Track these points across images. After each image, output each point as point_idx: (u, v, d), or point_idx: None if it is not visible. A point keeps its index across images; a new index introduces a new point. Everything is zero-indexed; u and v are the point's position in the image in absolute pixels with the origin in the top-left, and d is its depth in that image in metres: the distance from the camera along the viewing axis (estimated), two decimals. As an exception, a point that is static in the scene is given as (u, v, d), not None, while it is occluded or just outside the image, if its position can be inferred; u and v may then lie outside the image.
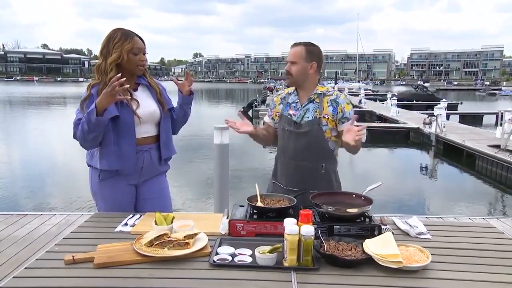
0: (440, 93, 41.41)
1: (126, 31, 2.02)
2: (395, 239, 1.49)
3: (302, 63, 2.10)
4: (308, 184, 2.11)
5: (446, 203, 7.20)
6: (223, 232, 1.67)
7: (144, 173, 2.12)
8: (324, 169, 2.14)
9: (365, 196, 1.77)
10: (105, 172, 2.03)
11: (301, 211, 1.45)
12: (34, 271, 1.38)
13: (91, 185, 2.10)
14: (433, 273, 1.36)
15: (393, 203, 6.70)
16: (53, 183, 8.14)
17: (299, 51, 2.10)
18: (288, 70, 2.13)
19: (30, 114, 22.78)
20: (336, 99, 2.13)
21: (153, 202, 2.16)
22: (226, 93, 56.92)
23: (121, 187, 2.07)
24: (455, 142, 10.77)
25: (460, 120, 17.78)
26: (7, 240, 3.64)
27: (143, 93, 2.12)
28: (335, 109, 2.10)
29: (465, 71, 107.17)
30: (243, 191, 6.71)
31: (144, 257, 1.42)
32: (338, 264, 1.39)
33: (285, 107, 2.22)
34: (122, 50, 1.97)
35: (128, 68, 2.02)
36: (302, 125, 2.12)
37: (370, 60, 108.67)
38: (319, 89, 2.16)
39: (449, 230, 1.80)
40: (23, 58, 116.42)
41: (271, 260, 1.40)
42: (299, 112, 2.15)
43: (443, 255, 1.50)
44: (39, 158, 10.47)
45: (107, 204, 2.07)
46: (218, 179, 4.03)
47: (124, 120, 1.98)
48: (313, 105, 2.14)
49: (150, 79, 2.17)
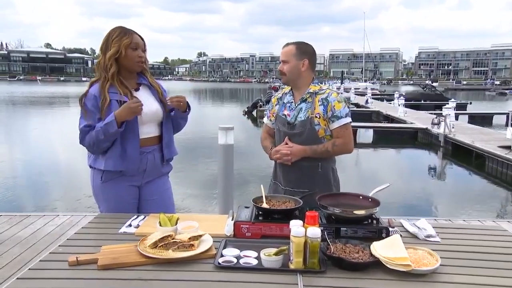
0: (449, 92, 41.18)
1: (125, 28, 2.06)
2: (403, 242, 1.48)
3: (293, 61, 2.13)
4: (306, 183, 2.12)
5: (455, 205, 7.15)
6: (228, 233, 1.67)
7: (147, 175, 2.13)
8: (321, 167, 2.14)
9: (372, 197, 1.76)
10: (108, 173, 2.04)
11: (307, 213, 1.44)
12: (38, 272, 1.39)
13: (93, 186, 2.12)
14: (442, 277, 1.35)
15: (401, 205, 6.66)
16: (56, 183, 8.19)
17: (290, 49, 2.14)
18: (281, 69, 2.17)
19: (33, 114, 22.95)
20: (327, 98, 2.12)
21: (156, 203, 2.17)
22: (230, 92, 56.98)
23: (124, 188, 2.08)
24: (464, 142, 10.70)
25: (470, 121, 17.66)
26: (10, 241, 3.67)
27: (144, 92, 2.14)
28: (325, 108, 2.11)
29: (474, 70, 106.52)
30: (248, 192, 6.70)
31: (149, 259, 1.43)
32: (345, 267, 1.39)
33: (280, 107, 2.24)
34: (120, 45, 1.99)
35: (127, 65, 2.04)
36: (296, 126, 2.13)
37: (377, 59, 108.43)
38: (311, 88, 2.17)
39: (458, 233, 1.79)
40: (26, 58, 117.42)
41: (277, 262, 1.40)
42: (293, 112, 2.16)
43: (452, 258, 1.49)
44: (42, 158, 10.54)
45: (110, 205, 2.08)
46: (223, 180, 4.04)
47: (127, 120, 1.99)
48: (305, 104, 2.15)
49: (151, 79, 2.19)
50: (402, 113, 16.46)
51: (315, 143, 2.10)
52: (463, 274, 1.38)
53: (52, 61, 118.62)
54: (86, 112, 2.01)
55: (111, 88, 2.00)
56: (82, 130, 2.00)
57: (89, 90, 2.03)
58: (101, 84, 2.01)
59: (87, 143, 2.00)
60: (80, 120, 2.02)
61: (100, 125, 1.94)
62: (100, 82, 2.02)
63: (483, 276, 1.37)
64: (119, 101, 1.99)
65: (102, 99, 1.98)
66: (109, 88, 1.99)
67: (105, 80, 2.01)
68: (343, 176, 2.34)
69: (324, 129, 2.11)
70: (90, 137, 1.97)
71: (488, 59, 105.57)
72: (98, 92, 1.99)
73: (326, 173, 2.17)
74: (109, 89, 1.99)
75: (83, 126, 1.99)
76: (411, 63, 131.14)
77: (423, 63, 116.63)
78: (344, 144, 2.13)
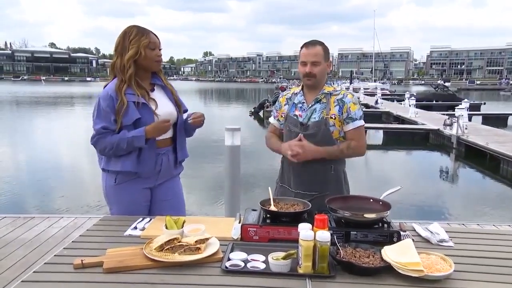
0: (462, 93, 40.82)
1: (141, 27, 2.05)
2: (415, 246, 1.47)
3: (323, 63, 2.11)
4: (317, 186, 2.12)
5: (469, 208, 7.08)
6: (235, 237, 1.68)
7: (161, 176, 2.15)
8: (334, 170, 2.14)
9: (383, 200, 1.75)
10: (122, 175, 2.05)
11: (316, 216, 1.44)
12: (43, 275, 1.40)
13: (105, 189, 2.12)
14: (456, 283, 1.34)
15: (413, 209, 6.61)
16: (60, 185, 8.26)
17: (319, 50, 2.10)
18: (310, 71, 2.09)
19: (38, 114, 23.17)
20: (342, 99, 2.12)
21: (168, 204, 2.19)
22: (236, 93, 57.05)
23: (137, 191, 2.10)
24: (478, 144, 10.59)
25: (483, 122, 17.48)
26: (14, 243, 3.71)
27: (159, 93, 2.15)
28: (341, 109, 2.10)
29: (488, 70, 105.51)
30: (255, 194, 6.70)
31: (155, 262, 1.43)
32: (355, 272, 1.38)
33: (291, 107, 2.22)
34: (139, 46, 1.99)
35: (145, 65, 2.05)
36: (309, 126, 2.11)
37: (387, 58, 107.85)
38: (326, 88, 2.16)
39: (472, 238, 1.77)
40: (30, 57, 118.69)
41: (285, 266, 1.40)
42: (306, 113, 2.15)
43: (467, 264, 1.48)
44: (46, 159, 10.63)
45: (122, 208, 2.08)
46: (229, 182, 4.04)
47: (145, 122, 2.00)
48: (320, 105, 2.13)
49: (164, 80, 2.19)
50: (413, 113, 16.35)
51: (329, 144, 2.09)
52: (478, 280, 1.37)
53: (56, 60, 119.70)
54: (100, 112, 1.99)
55: (127, 90, 2.00)
56: (98, 131, 1.99)
57: (105, 89, 2.02)
58: (117, 86, 2.00)
59: (102, 146, 1.99)
60: (96, 120, 2.00)
61: (125, 136, 1.95)
62: (116, 84, 2.00)
63: (499, 283, 1.35)
64: (137, 102, 1.99)
65: (119, 102, 1.96)
66: (125, 90, 1.99)
67: (122, 82, 2.00)
68: (353, 178, 2.33)
69: (338, 131, 2.11)
70: (108, 143, 1.96)
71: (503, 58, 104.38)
72: (115, 93, 1.98)
73: (338, 176, 2.17)
74: (125, 91, 1.99)
75: (100, 128, 1.98)
76: (422, 62, 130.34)
77: (435, 63, 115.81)
78: (359, 147, 2.13)
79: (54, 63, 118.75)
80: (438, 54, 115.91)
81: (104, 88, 2.05)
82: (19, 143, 13.47)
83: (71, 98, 37.33)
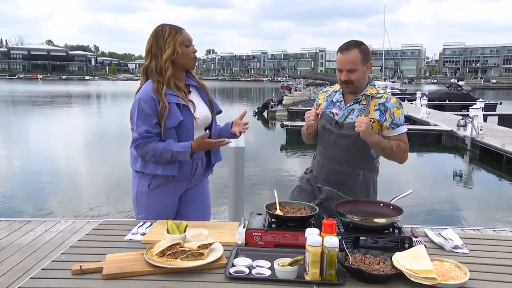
0: (477, 92, 40.55)
1: (172, 25, 2.04)
2: (428, 253, 1.47)
3: (361, 68, 2.06)
4: (344, 190, 2.12)
5: (484, 214, 7.04)
6: (240, 242, 1.68)
7: (194, 180, 2.17)
8: (362, 176, 2.13)
9: (394, 205, 1.75)
10: (158, 179, 2.05)
11: (324, 221, 1.44)
12: (40, 281, 1.41)
13: (136, 192, 2.12)
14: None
15: (425, 213, 6.59)
16: (58, 187, 8.30)
17: (356, 55, 2.03)
18: (348, 79, 2.06)
19: (34, 115, 23.31)
20: (385, 103, 2.10)
21: (198, 206, 2.23)
22: (240, 92, 57.18)
23: (169, 195, 2.11)
24: (494, 146, 10.54)
25: (499, 122, 17.39)
26: (10, 248, 3.73)
27: (195, 95, 2.15)
28: (382, 114, 2.08)
29: (505, 68, 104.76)
30: (260, 198, 6.70)
31: (156, 268, 1.44)
32: (365, 279, 1.38)
33: (328, 104, 2.22)
34: (175, 44, 1.98)
35: (182, 63, 2.04)
36: (344, 126, 2.11)
37: (397, 56, 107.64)
38: (368, 90, 2.12)
39: (488, 244, 1.77)
40: (26, 55, 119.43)
41: (292, 273, 1.40)
42: (343, 112, 2.14)
43: (482, 272, 1.47)
44: (42, 161, 10.69)
45: (151, 213, 2.08)
46: (233, 185, 4.05)
47: (186, 125, 2.01)
48: (358, 106, 2.12)
49: (198, 79, 2.19)
50: (424, 114, 16.30)
51: (362, 148, 2.08)
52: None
53: (54, 58, 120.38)
54: (141, 114, 1.96)
55: (167, 91, 1.98)
56: (141, 135, 1.95)
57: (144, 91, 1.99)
58: (155, 89, 1.97)
59: (144, 151, 1.97)
60: (137, 122, 1.96)
61: (170, 148, 1.94)
62: (154, 86, 1.97)
63: (516, 291, 1.35)
64: (179, 104, 1.99)
65: (161, 105, 1.94)
66: (165, 92, 1.98)
67: (160, 85, 1.98)
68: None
69: None
70: (151, 149, 1.95)
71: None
72: (155, 96, 1.96)
73: (367, 184, 2.16)
74: (166, 93, 1.98)
75: (143, 131, 1.95)
76: (435, 60, 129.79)
77: (448, 60, 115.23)
78: (406, 151, 2.10)
79: (51, 61, 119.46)
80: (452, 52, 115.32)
81: (139, 90, 2.03)
82: (14, 144, 13.56)
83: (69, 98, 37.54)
